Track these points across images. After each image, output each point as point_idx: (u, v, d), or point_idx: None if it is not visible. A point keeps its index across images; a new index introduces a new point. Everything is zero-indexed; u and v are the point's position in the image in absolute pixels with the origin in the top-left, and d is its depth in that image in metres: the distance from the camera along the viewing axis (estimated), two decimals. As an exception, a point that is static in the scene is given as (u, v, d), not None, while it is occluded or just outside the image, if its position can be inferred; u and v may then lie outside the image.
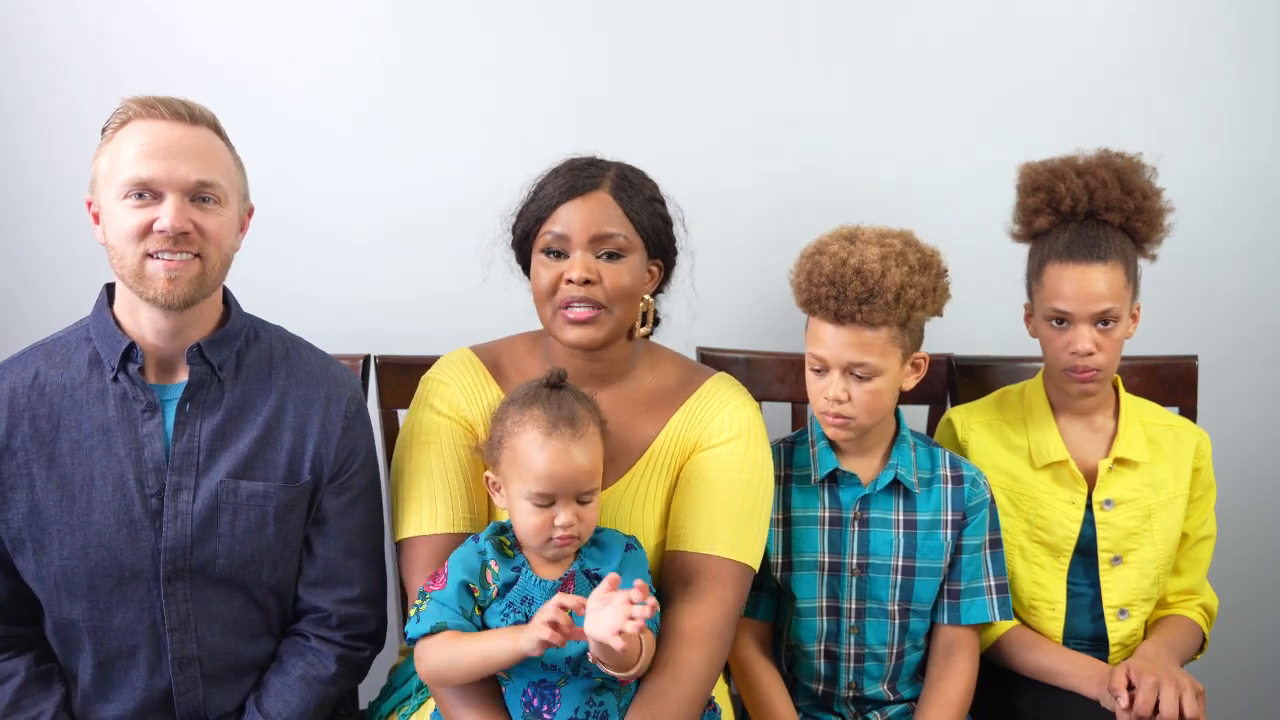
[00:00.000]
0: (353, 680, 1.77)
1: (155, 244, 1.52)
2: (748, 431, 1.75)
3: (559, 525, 1.54)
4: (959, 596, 1.84)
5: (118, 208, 1.53)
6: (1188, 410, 2.12)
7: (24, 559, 1.60)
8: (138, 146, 1.53)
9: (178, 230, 1.52)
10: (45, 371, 1.61)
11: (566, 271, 1.67)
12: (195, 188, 1.55)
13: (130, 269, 1.54)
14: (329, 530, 1.69)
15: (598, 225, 1.67)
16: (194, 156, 1.55)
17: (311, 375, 1.69)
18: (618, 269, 1.68)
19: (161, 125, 1.55)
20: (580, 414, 1.57)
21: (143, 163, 1.52)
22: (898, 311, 1.70)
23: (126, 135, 1.55)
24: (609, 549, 1.63)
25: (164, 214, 1.52)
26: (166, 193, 1.53)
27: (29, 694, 1.62)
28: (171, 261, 1.53)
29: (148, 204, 1.53)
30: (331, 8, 2.26)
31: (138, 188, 1.52)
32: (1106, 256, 1.82)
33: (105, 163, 1.56)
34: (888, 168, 2.33)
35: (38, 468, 1.59)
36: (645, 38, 2.29)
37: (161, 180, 1.52)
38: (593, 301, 1.67)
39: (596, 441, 1.58)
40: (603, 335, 1.69)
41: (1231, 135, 2.37)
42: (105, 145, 1.57)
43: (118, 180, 1.53)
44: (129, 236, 1.52)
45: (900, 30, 2.31)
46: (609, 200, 1.69)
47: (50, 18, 2.22)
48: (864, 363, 1.72)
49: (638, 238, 1.70)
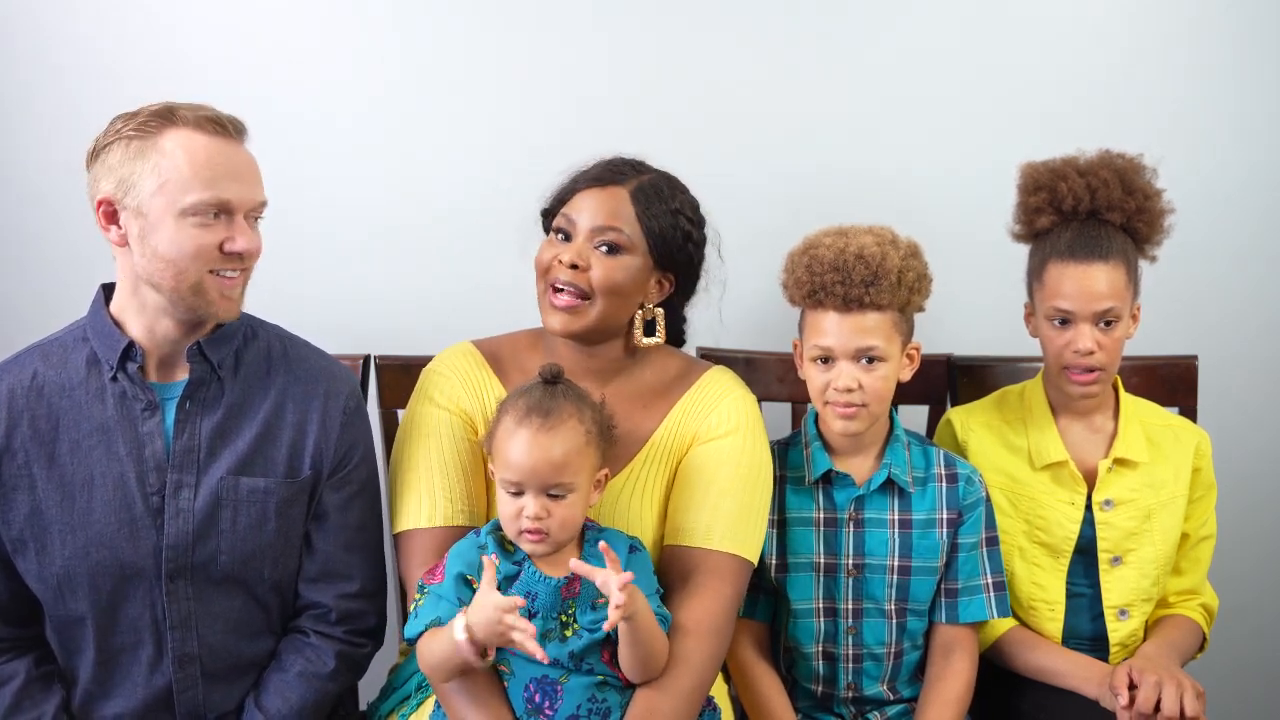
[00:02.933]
0: (352, 676, 1.77)
1: (223, 264, 1.55)
2: (747, 425, 1.76)
3: (526, 516, 1.54)
4: (956, 595, 1.84)
5: (183, 224, 1.52)
6: (1188, 410, 2.12)
7: (25, 560, 1.61)
8: (207, 165, 1.53)
9: (251, 254, 1.56)
10: (43, 372, 1.61)
11: (561, 253, 1.69)
12: (257, 209, 1.59)
13: (189, 284, 1.54)
14: (328, 525, 1.70)
15: (603, 217, 1.69)
16: (255, 177, 1.60)
17: (310, 372, 1.70)
18: (610, 263, 1.69)
19: (221, 143, 1.55)
20: (560, 408, 1.56)
21: (219, 183, 1.53)
22: (900, 294, 1.73)
23: (178, 144, 1.52)
24: (612, 549, 1.62)
25: (239, 237, 1.55)
26: (237, 215, 1.55)
27: (29, 695, 1.63)
28: (230, 279, 1.56)
29: (217, 223, 1.54)
30: (332, 8, 2.26)
31: (213, 208, 1.53)
32: (1108, 256, 1.82)
33: (149, 170, 1.51)
34: (888, 167, 2.33)
35: (38, 468, 1.59)
36: (645, 38, 2.29)
37: (237, 203, 1.55)
38: (577, 288, 1.68)
39: (573, 437, 1.56)
40: (581, 326, 1.69)
41: (1231, 135, 2.37)
42: (143, 148, 1.52)
43: (185, 198, 1.51)
44: (197, 255, 1.53)
45: (900, 30, 2.31)
46: (625, 198, 1.71)
47: (50, 18, 2.22)
48: (873, 345, 1.73)
49: (643, 241, 1.70)
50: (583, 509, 1.59)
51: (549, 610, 1.57)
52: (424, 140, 2.29)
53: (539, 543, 1.56)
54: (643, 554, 1.65)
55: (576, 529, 1.60)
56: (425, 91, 2.28)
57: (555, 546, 1.58)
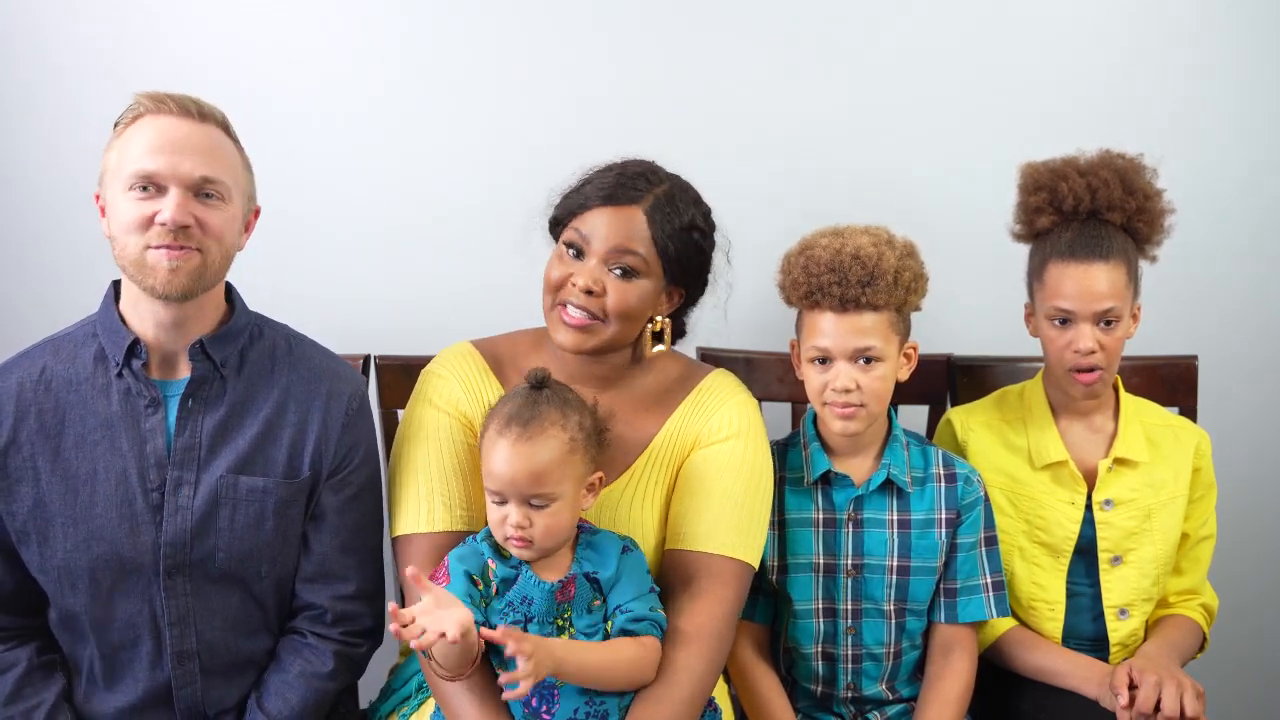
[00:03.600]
0: (350, 676, 1.77)
1: (156, 237, 1.54)
2: (748, 429, 1.75)
3: (508, 524, 1.54)
4: (955, 595, 1.84)
5: (122, 199, 1.55)
6: (1188, 410, 2.12)
7: (29, 551, 1.62)
8: (145, 141, 1.55)
9: (178, 223, 1.54)
10: (52, 366, 1.63)
11: (576, 275, 1.67)
12: (199, 183, 1.56)
13: (131, 259, 1.55)
14: (326, 526, 1.70)
15: (619, 240, 1.66)
16: (199, 152, 1.57)
17: (314, 371, 1.70)
18: (626, 288, 1.67)
19: (169, 120, 1.57)
20: (542, 416, 1.55)
21: (149, 156, 1.54)
22: (896, 294, 1.73)
23: (136, 130, 1.57)
24: (604, 551, 1.62)
25: (165, 207, 1.54)
26: (170, 186, 1.54)
27: (30, 683, 1.63)
28: (172, 253, 1.54)
29: (151, 197, 1.54)
30: (332, 8, 2.26)
31: (142, 180, 1.54)
32: (1109, 255, 1.82)
33: (114, 157, 1.58)
34: (888, 167, 2.33)
35: (43, 461, 1.60)
36: (645, 38, 2.29)
37: (165, 174, 1.54)
38: (591, 312, 1.67)
39: (553, 447, 1.54)
40: (592, 345, 1.69)
41: (1231, 135, 2.37)
42: (115, 140, 1.59)
43: (123, 173, 1.55)
44: (131, 227, 1.54)
45: (900, 30, 2.31)
46: (641, 219, 1.67)
47: (50, 18, 2.22)
48: (870, 345, 1.73)
49: (658, 262, 1.68)
50: (570, 516, 1.58)
51: (545, 615, 1.57)
52: (424, 140, 2.29)
53: (523, 549, 1.56)
54: (636, 554, 1.65)
55: (564, 536, 1.59)
56: (425, 91, 2.28)
57: (541, 553, 1.57)
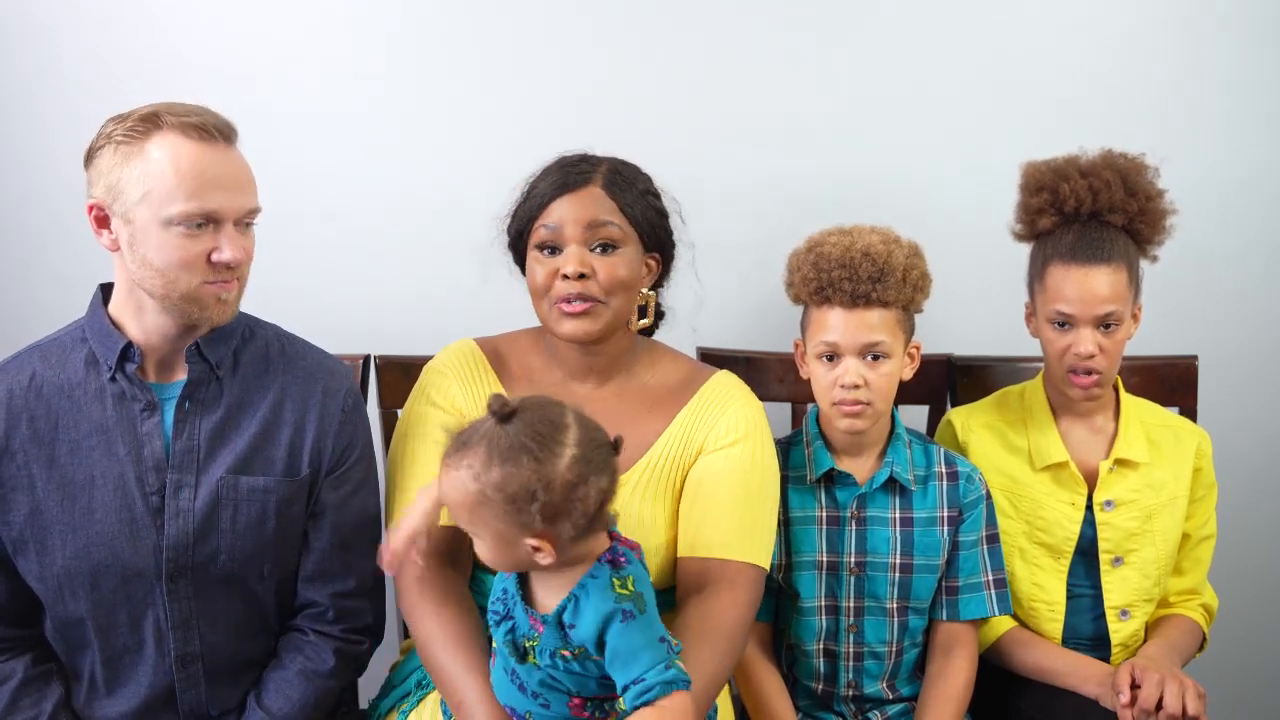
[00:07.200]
0: (351, 674, 1.77)
1: (214, 274, 1.54)
2: (754, 432, 1.75)
3: None
4: (957, 592, 1.84)
5: (168, 234, 1.51)
6: (1188, 410, 2.12)
7: (26, 560, 1.60)
8: (192, 174, 1.50)
9: (239, 263, 1.55)
10: (42, 372, 1.61)
11: (561, 266, 1.67)
12: (247, 216, 1.57)
13: (183, 294, 1.54)
14: (324, 523, 1.70)
15: (590, 216, 1.68)
16: (244, 184, 1.57)
17: (308, 370, 1.70)
18: (613, 261, 1.68)
19: (208, 149, 1.52)
20: (468, 449, 1.38)
21: (205, 193, 1.51)
22: (905, 291, 1.75)
23: (164, 151, 1.50)
24: (585, 613, 1.43)
25: (225, 247, 1.53)
26: (225, 223, 1.54)
27: (27, 694, 1.62)
28: (225, 286, 1.55)
29: (203, 232, 1.52)
30: (331, 8, 2.26)
31: (198, 218, 1.51)
32: (1110, 258, 1.82)
33: (134, 175, 1.50)
34: (888, 167, 2.33)
35: (38, 469, 1.59)
36: (645, 37, 2.29)
37: (224, 212, 1.53)
38: (588, 295, 1.67)
39: (456, 486, 1.38)
40: (599, 327, 1.68)
41: (1231, 135, 2.37)
42: (130, 153, 1.50)
43: (170, 207, 1.50)
44: (186, 265, 1.52)
45: (900, 29, 2.31)
46: (601, 194, 1.69)
47: (50, 18, 2.22)
48: (878, 341, 1.74)
49: (632, 230, 1.70)
50: (509, 562, 1.43)
51: (521, 633, 1.50)
52: (424, 140, 2.29)
53: None
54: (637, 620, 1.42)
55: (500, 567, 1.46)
56: (425, 92, 2.28)
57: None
